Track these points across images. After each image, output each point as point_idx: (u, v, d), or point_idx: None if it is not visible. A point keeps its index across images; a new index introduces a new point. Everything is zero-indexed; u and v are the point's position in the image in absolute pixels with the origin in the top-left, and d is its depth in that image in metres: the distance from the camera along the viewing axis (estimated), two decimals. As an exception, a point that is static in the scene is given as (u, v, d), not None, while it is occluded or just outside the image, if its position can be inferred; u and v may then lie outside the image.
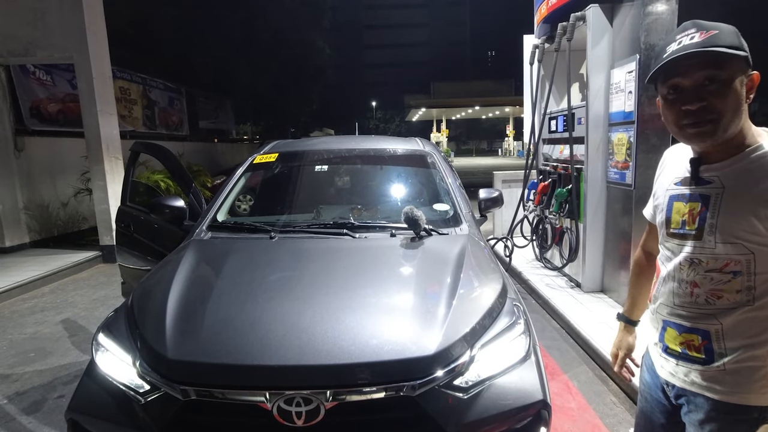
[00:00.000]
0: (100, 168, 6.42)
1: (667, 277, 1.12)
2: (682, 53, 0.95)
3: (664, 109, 1.04)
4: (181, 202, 2.65)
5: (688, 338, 1.06)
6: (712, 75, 0.94)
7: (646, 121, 3.46)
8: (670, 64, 0.97)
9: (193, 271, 1.89)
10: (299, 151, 3.09)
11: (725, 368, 1.01)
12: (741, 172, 0.98)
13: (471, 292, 1.74)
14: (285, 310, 1.60)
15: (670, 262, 1.11)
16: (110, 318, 1.78)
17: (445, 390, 1.41)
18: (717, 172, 1.02)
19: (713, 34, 0.94)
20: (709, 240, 1.01)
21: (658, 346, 1.16)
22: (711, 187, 1.02)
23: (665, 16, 3.40)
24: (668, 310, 1.11)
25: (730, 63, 0.94)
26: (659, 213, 1.16)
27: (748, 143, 1.00)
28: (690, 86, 0.97)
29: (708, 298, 1.03)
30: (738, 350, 1.00)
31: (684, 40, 0.96)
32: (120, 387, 1.50)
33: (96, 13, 6.42)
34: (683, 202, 1.08)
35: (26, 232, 7.13)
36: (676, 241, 1.09)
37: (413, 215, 2.12)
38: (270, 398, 1.34)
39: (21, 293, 5.07)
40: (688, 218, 1.06)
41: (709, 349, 1.03)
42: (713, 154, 1.03)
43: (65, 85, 8.56)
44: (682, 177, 1.10)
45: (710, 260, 1.02)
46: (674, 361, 1.10)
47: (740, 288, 0.99)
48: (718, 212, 1.00)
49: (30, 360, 3.40)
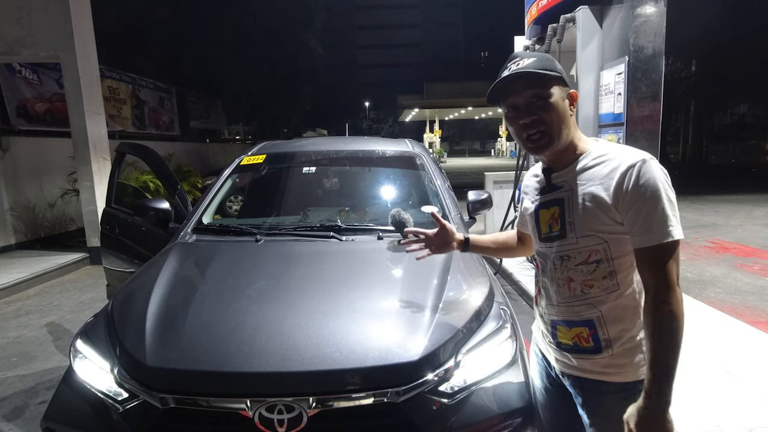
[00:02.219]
0: (87, 169, 6.34)
1: (547, 283, 1.25)
2: (512, 74, 1.15)
3: (508, 126, 1.23)
4: (166, 204, 2.60)
5: (578, 331, 1.19)
6: (537, 93, 1.13)
7: (635, 122, 3.47)
8: (504, 86, 1.17)
9: (175, 275, 1.85)
10: (287, 153, 3.06)
11: (613, 353, 1.15)
12: (581, 175, 1.16)
13: (457, 296, 1.72)
14: (268, 315, 1.57)
15: (546, 266, 1.25)
16: (89, 323, 1.74)
17: (430, 396, 1.39)
18: (564, 177, 1.19)
19: (533, 61, 1.15)
20: (572, 236, 1.16)
21: (551, 345, 1.28)
22: (563, 191, 1.19)
23: (654, 18, 3.41)
24: (555, 310, 1.24)
25: (549, 82, 1.13)
26: (530, 226, 1.32)
27: (581, 151, 1.18)
28: (522, 104, 1.16)
29: (583, 289, 1.17)
30: (619, 335, 1.14)
31: (512, 67, 1.17)
32: (98, 395, 1.46)
33: (83, 11, 6.34)
34: (546, 208, 1.24)
35: (12, 234, 7.03)
36: (547, 244, 1.24)
37: (400, 218, 2.09)
38: (251, 405, 1.31)
39: (5, 296, 4.98)
40: (552, 222, 1.21)
41: (596, 338, 1.16)
42: (558, 162, 1.20)
43: (52, 85, 8.46)
44: (540, 188, 1.27)
45: (576, 254, 1.16)
46: (569, 354, 1.22)
47: (605, 274, 1.13)
48: (572, 211, 1.15)
49: (12, 364, 3.33)
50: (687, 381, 2.59)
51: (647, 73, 3.45)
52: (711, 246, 6.30)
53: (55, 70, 8.16)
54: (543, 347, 1.34)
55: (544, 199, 1.24)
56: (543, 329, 1.31)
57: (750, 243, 6.40)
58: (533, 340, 1.43)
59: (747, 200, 10.42)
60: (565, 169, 1.19)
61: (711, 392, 2.50)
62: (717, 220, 8.24)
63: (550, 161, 1.22)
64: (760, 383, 2.58)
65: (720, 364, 2.80)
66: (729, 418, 2.26)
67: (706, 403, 2.39)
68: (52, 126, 8.42)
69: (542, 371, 1.38)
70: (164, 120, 13.84)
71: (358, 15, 66.93)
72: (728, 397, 2.46)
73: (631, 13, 3.43)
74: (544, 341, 1.32)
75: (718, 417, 2.27)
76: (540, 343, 1.36)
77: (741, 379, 2.63)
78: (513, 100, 1.17)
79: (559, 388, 1.32)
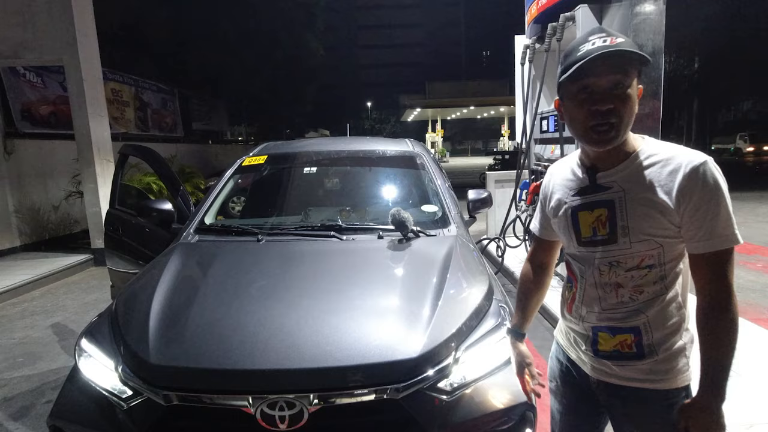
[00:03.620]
0: (91, 171, 6.39)
1: (588, 288, 1.15)
2: (605, 52, 0.99)
3: (571, 109, 1.08)
4: (168, 205, 2.63)
5: (622, 338, 1.11)
6: (620, 80, 1.01)
7: (636, 120, 3.47)
8: (588, 63, 1.00)
9: (178, 275, 1.88)
10: (288, 153, 3.08)
11: (657, 358, 1.09)
12: (635, 175, 1.06)
13: (457, 294, 1.73)
14: (270, 313, 1.59)
15: (587, 271, 1.15)
16: (94, 323, 1.76)
17: (429, 392, 1.41)
18: (613, 177, 1.08)
19: (626, 40, 1.01)
20: (624, 241, 1.07)
21: (587, 353, 1.18)
22: (612, 192, 1.08)
23: (653, 16, 3.41)
24: (597, 317, 1.14)
25: (633, 71, 1.02)
26: (563, 228, 1.19)
27: (632, 148, 1.08)
28: (602, 88, 1.02)
29: (632, 296, 1.09)
30: (663, 338, 1.08)
31: (598, 42, 1.01)
32: (102, 393, 1.49)
33: (86, 14, 6.38)
34: (588, 210, 1.12)
35: (17, 236, 7.08)
36: (589, 249, 1.13)
37: (400, 217, 2.12)
38: (253, 402, 1.34)
39: (10, 297, 5.03)
40: (598, 225, 1.10)
41: (640, 344, 1.09)
42: (606, 161, 1.09)
43: (56, 87, 8.51)
44: (578, 188, 1.15)
45: (628, 259, 1.08)
46: (608, 361, 1.14)
47: (656, 279, 1.07)
48: (626, 214, 1.06)
49: (18, 365, 3.37)
50: (688, 378, 2.60)
51: (647, 71, 3.45)
52: (714, 243, 6.28)
53: (59, 73, 8.21)
54: (573, 354, 1.25)
55: (587, 200, 1.12)
56: (576, 337, 1.21)
57: (753, 240, 6.38)
58: (556, 348, 1.34)
59: (750, 198, 10.37)
60: (613, 168, 1.08)
61: (712, 389, 2.50)
62: (720, 217, 8.20)
63: (597, 158, 1.10)
64: (761, 380, 2.59)
65: (721, 361, 2.80)
66: (730, 414, 2.25)
67: (707, 400, 2.39)
68: (56, 128, 8.47)
69: (564, 378, 1.29)
70: (167, 122, 13.91)
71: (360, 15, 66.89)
72: (730, 394, 2.45)
73: (630, 11, 3.43)
74: (575, 348, 1.23)
75: (718, 413, 2.27)
76: (568, 349, 1.26)
77: (742, 375, 2.64)
78: (592, 81, 1.02)
79: (583, 400, 1.25)
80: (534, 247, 1.40)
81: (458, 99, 35.44)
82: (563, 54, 1.09)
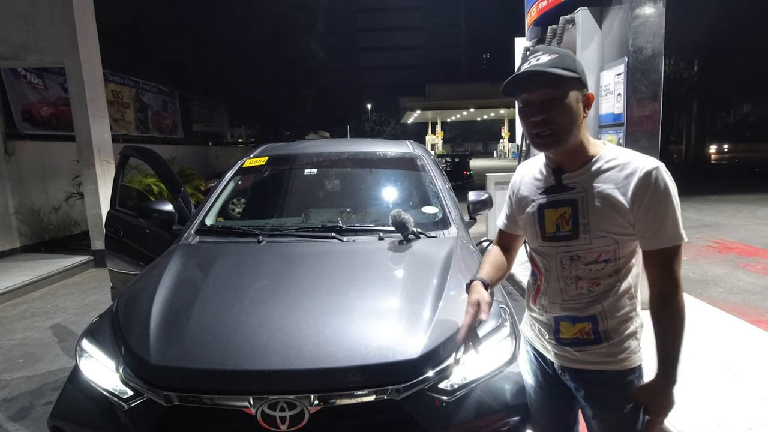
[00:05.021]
0: (91, 172, 6.40)
1: (551, 280, 1.26)
2: (528, 71, 1.13)
3: (520, 119, 1.22)
4: (169, 206, 2.63)
5: (581, 326, 1.23)
6: (552, 93, 1.13)
7: (635, 123, 3.48)
8: (521, 81, 1.16)
9: (179, 276, 1.88)
10: (289, 155, 3.08)
11: (612, 342, 1.21)
12: (596, 178, 1.17)
13: (457, 295, 1.73)
14: (270, 314, 1.59)
15: (550, 264, 1.25)
16: (95, 323, 1.76)
17: (430, 393, 1.41)
18: (577, 178, 1.20)
19: (553, 58, 1.13)
20: (584, 237, 1.18)
21: (551, 341, 1.29)
22: (575, 192, 1.19)
23: (653, 19, 3.42)
24: (559, 307, 1.25)
25: (566, 83, 1.13)
26: (529, 224, 1.29)
27: (592, 153, 1.20)
28: (536, 101, 1.15)
29: (590, 288, 1.21)
30: (617, 325, 1.21)
31: (532, 61, 1.15)
32: (103, 393, 1.48)
33: (87, 17, 6.40)
34: (552, 208, 1.23)
35: (17, 237, 7.09)
36: (551, 244, 1.24)
37: (400, 218, 2.12)
38: (254, 403, 1.34)
39: (11, 298, 5.03)
40: (561, 222, 1.21)
41: (596, 331, 1.22)
42: (569, 163, 1.21)
43: (57, 89, 8.53)
44: (545, 187, 1.26)
45: (587, 254, 1.19)
46: (570, 348, 1.25)
47: (611, 273, 1.19)
48: (588, 212, 1.17)
49: (18, 366, 3.37)
50: (689, 380, 2.60)
51: (647, 74, 3.45)
52: (714, 246, 6.29)
53: (60, 75, 8.23)
54: (538, 345, 1.36)
55: (552, 198, 1.23)
56: (540, 327, 1.32)
57: (753, 243, 6.39)
58: (524, 340, 1.45)
59: (750, 200, 10.38)
60: (577, 171, 1.19)
61: (712, 391, 2.51)
62: (720, 219, 8.22)
63: (560, 161, 1.22)
64: (762, 382, 2.59)
65: (722, 363, 2.81)
66: (730, 417, 2.27)
67: (708, 402, 2.39)
68: (57, 130, 8.48)
69: (536, 369, 1.39)
70: (167, 123, 13.92)
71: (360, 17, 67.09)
72: (730, 396, 2.46)
73: (630, 14, 3.44)
74: (540, 339, 1.34)
75: (719, 416, 2.28)
76: (534, 341, 1.37)
77: (742, 378, 2.64)
78: (527, 97, 1.16)
79: (555, 385, 1.34)
80: (497, 238, 1.51)
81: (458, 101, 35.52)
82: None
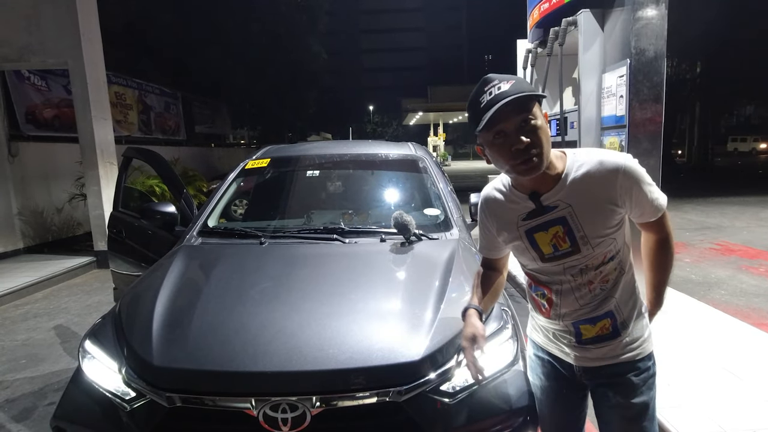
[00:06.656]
0: (94, 173, 6.42)
1: (564, 293, 1.26)
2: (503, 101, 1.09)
3: (493, 152, 1.18)
4: (172, 207, 2.64)
5: (602, 324, 1.26)
6: (525, 117, 1.12)
7: (637, 124, 3.48)
8: (497, 113, 1.10)
9: (181, 278, 1.88)
10: (291, 157, 3.09)
11: (629, 330, 1.27)
12: (575, 189, 1.19)
13: (459, 297, 1.73)
14: (272, 316, 1.59)
15: (560, 279, 1.26)
16: (97, 325, 1.77)
17: (432, 395, 1.41)
18: (555, 197, 1.20)
19: (513, 84, 1.12)
20: (586, 248, 1.20)
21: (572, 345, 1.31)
22: (561, 210, 1.20)
23: (655, 21, 3.42)
24: (577, 313, 1.27)
25: (533, 104, 1.13)
26: (522, 251, 1.30)
27: (561, 167, 1.21)
28: (513, 129, 1.12)
29: (602, 286, 1.24)
30: (630, 312, 1.27)
31: (494, 91, 1.12)
32: (106, 394, 1.49)
33: (91, 18, 6.43)
34: (543, 231, 1.23)
35: (20, 238, 7.11)
36: (554, 263, 1.25)
37: (402, 220, 2.12)
38: (256, 405, 1.34)
39: (14, 299, 5.04)
40: (557, 241, 1.22)
41: (615, 325, 1.26)
42: (542, 186, 1.21)
43: (60, 91, 8.55)
44: (525, 212, 1.25)
45: (594, 261, 1.22)
46: (591, 346, 1.28)
47: (616, 266, 1.25)
48: (581, 225, 1.19)
49: (21, 367, 3.38)
50: (691, 382, 2.59)
51: (649, 76, 3.45)
52: (716, 248, 6.27)
53: (63, 76, 8.25)
54: (554, 349, 1.37)
55: (538, 222, 1.23)
56: (557, 332, 1.33)
57: (756, 245, 6.36)
58: (534, 346, 1.45)
59: (753, 202, 10.35)
60: (553, 190, 1.20)
61: (715, 394, 2.50)
62: (722, 221, 8.19)
63: (534, 186, 1.22)
64: (765, 385, 2.58)
65: (724, 365, 2.80)
66: (732, 420, 2.26)
67: (710, 405, 2.39)
68: (60, 131, 8.50)
69: (548, 372, 1.40)
70: (170, 125, 13.95)
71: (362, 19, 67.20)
72: (732, 399, 2.45)
73: (632, 16, 3.44)
74: (556, 343, 1.35)
75: (721, 418, 2.27)
76: (547, 345, 1.38)
77: (745, 380, 2.63)
78: (503, 126, 1.12)
79: (568, 387, 1.36)
80: (483, 262, 1.47)
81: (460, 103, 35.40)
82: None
